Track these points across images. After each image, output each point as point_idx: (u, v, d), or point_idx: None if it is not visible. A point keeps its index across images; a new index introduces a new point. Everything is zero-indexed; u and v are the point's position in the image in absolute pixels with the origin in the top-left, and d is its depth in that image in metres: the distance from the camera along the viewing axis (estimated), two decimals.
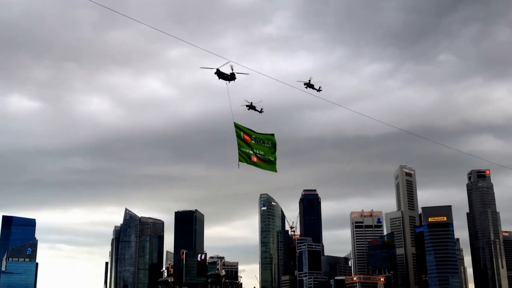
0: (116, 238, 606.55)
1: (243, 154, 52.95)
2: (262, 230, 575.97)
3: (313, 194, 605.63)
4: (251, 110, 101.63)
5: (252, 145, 53.65)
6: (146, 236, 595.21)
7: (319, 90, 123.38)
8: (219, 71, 70.66)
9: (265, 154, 54.48)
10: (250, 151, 53.47)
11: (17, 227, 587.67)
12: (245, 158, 53.04)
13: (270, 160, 54.78)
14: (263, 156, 54.28)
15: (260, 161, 54.02)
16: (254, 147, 53.72)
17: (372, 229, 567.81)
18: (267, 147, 54.71)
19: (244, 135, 53.38)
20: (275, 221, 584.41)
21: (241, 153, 52.92)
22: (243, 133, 53.36)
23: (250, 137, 53.60)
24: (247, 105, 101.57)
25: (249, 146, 53.46)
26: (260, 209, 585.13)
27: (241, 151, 52.95)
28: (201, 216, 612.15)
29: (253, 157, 53.56)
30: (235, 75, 71.93)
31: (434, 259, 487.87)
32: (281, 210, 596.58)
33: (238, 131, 53.06)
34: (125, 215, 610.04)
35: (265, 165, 54.48)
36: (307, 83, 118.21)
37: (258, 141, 54.17)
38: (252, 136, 53.76)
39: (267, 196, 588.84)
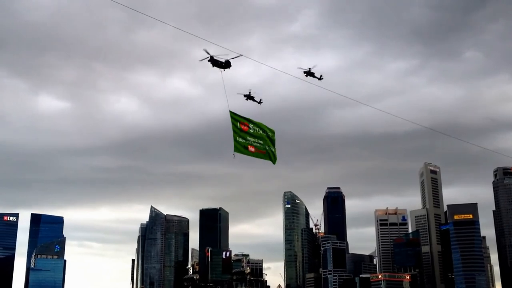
0: (142, 236, 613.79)
1: (239, 144, 50.04)
2: (287, 227, 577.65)
3: (337, 191, 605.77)
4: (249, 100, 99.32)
5: (250, 135, 50.78)
6: (172, 234, 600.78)
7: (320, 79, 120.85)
8: (213, 58, 67.85)
9: (264, 144, 51.72)
10: (247, 141, 50.59)
11: (45, 225, 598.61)
12: (241, 148, 50.19)
13: (270, 150, 52.08)
14: (261, 146, 51.50)
15: (259, 151, 51.27)
16: (251, 137, 50.83)
17: (397, 227, 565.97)
18: (266, 137, 51.92)
19: (241, 124, 50.56)
20: (299, 218, 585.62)
21: (237, 143, 49.97)
22: (240, 122, 50.52)
23: (247, 126, 50.92)
24: (244, 95, 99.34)
25: (247, 136, 50.57)
26: (284, 206, 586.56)
27: (237, 141, 50.02)
28: (225, 213, 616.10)
29: (251, 147, 50.77)
30: (230, 62, 68.94)
31: (460, 257, 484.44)
32: (305, 208, 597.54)
33: (234, 121, 50.18)
34: (151, 213, 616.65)
35: (264, 155, 51.67)
36: (307, 71, 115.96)
37: (257, 130, 51.39)
38: (250, 125, 51.06)
39: (291, 194, 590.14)
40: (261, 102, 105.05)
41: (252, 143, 50.69)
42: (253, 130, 51.02)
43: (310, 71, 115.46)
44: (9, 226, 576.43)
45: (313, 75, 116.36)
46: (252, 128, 51.01)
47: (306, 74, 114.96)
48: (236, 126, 50.03)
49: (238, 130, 50.09)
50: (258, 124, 51.63)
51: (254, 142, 50.81)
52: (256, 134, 51.22)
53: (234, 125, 49.96)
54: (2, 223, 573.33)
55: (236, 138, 49.88)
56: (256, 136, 51.11)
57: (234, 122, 50.01)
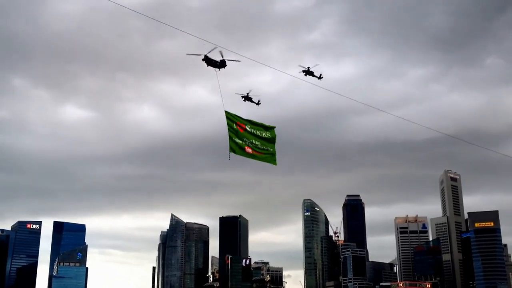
0: (162, 243, 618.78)
1: (235, 144, 47.81)
2: (306, 235, 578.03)
3: (357, 199, 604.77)
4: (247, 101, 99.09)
5: (247, 135, 48.41)
6: (192, 242, 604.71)
7: (320, 78, 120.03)
8: (207, 57, 65.86)
9: (262, 144, 49.12)
10: (244, 142, 48.22)
11: (67, 233, 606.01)
12: (237, 149, 47.83)
13: (269, 150, 49.47)
14: (259, 148, 48.93)
15: (257, 152, 48.73)
16: (248, 137, 48.47)
17: (417, 234, 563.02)
18: (264, 138, 49.43)
19: (238, 124, 48.33)
20: (318, 226, 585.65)
21: (233, 143, 47.69)
22: (236, 122, 48.30)
23: (244, 126, 48.58)
24: (242, 95, 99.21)
25: (243, 136, 48.29)
26: (303, 214, 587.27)
27: (233, 141, 47.72)
28: (245, 221, 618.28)
29: (248, 148, 48.26)
30: (225, 62, 66.95)
31: (481, 265, 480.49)
32: (324, 216, 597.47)
33: (229, 121, 48.05)
34: (171, 221, 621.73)
35: (262, 156, 49.13)
36: (306, 70, 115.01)
37: (254, 131, 49.00)
38: (247, 125, 48.71)
39: (311, 201, 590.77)
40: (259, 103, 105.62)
41: (249, 144, 48.39)
42: (250, 131, 48.75)
43: (309, 70, 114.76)
44: (32, 234, 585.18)
45: (313, 74, 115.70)
46: (249, 129, 48.73)
47: (305, 73, 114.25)
48: (231, 126, 47.94)
49: (234, 130, 47.96)
50: (256, 123, 49.45)
51: (251, 144, 48.51)
52: (254, 135, 48.89)
53: (229, 126, 47.93)
54: (25, 231, 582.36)
55: (231, 138, 47.74)
56: (254, 137, 48.83)
57: (229, 122, 47.98)
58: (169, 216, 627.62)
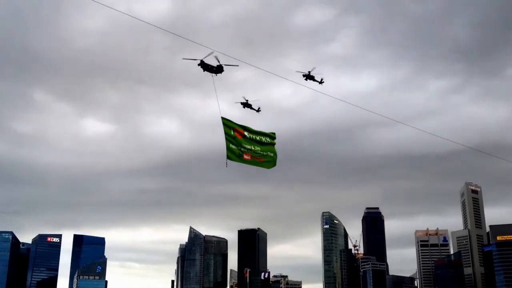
0: (181, 256, 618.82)
1: (232, 151, 46.59)
2: (325, 248, 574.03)
3: (376, 212, 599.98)
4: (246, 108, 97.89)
5: (245, 142, 47.15)
6: (211, 255, 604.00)
7: (321, 83, 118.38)
8: (203, 62, 64.94)
9: (262, 150, 47.74)
10: (242, 148, 46.98)
11: (87, 246, 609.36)
12: (235, 156, 46.61)
13: (269, 155, 48.13)
14: (259, 153, 47.57)
15: (256, 159, 47.48)
16: (247, 144, 47.16)
17: (438, 248, 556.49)
18: (264, 143, 48.09)
19: (235, 131, 47.07)
20: (338, 239, 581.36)
21: (230, 150, 46.48)
22: (233, 129, 47.08)
23: (242, 132, 47.30)
24: (242, 102, 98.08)
25: (241, 143, 47.04)
26: (322, 227, 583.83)
27: (230, 149, 46.51)
28: (264, 234, 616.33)
29: (246, 154, 47.04)
30: (222, 67, 65.79)
31: (504, 279, 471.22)
32: (343, 228, 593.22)
33: (226, 128, 46.97)
34: (190, 234, 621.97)
35: (262, 162, 47.89)
36: (306, 75, 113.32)
37: (253, 136, 47.67)
38: (245, 132, 47.38)
39: (330, 214, 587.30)
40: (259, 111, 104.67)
41: (247, 150, 47.17)
42: (249, 137, 47.50)
43: (310, 74, 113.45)
44: (52, 247, 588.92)
45: (313, 79, 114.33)
46: (248, 135, 47.46)
47: (306, 77, 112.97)
48: (229, 133, 46.83)
49: (231, 137, 46.79)
50: (255, 131, 48.09)
51: (249, 150, 47.28)
52: (253, 140, 47.58)
53: (226, 132, 46.85)
54: (46, 244, 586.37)
55: (229, 145, 46.54)
56: (253, 143, 47.51)
57: (226, 128, 46.97)
58: (188, 229, 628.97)
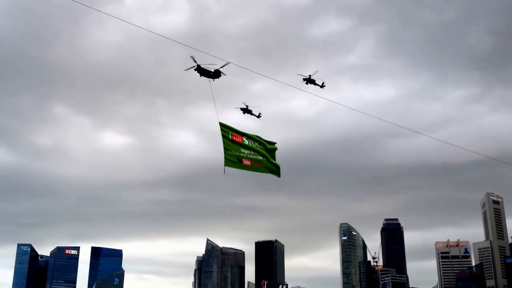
0: (198, 269, 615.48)
1: (231, 157, 44.66)
2: (344, 260, 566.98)
3: (395, 223, 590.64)
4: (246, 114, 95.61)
5: (244, 147, 45.32)
6: (228, 267, 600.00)
7: (322, 86, 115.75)
8: (200, 67, 64.50)
9: (262, 155, 46.14)
10: (241, 154, 45.07)
11: (105, 258, 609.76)
12: (234, 162, 44.70)
13: (269, 162, 46.39)
14: (259, 159, 45.84)
15: (256, 164, 45.63)
16: (246, 149, 45.36)
17: (459, 260, 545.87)
18: (263, 150, 46.28)
19: (234, 135, 45.16)
20: (356, 251, 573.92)
21: (228, 156, 44.51)
22: (232, 133, 45.17)
23: (241, 137, 45.44)
24: (241, 108, 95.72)
25: (240, 148, 45.16)
26: (340, 239, 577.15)
27: (229, 154, 44.50)
28: (281, 246, 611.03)
29: (245, 160, 45.17)
30: (220, 72, 65.11)
31: None
32: (362, 240, 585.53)
33: (225, 132, 44.97)
34: (207, 246, 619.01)
35: (262, 168, 46.12)
36: (307, 79, 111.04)
37: (253, 142, 45.94)
38: (244, 137, 45.58)
39: (348, 226, 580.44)
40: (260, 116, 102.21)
41: (247, 155, 45.30)
42: (248, 142, 45.72)
43: (311, 78, 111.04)
44: (70, 259, 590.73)
45: (314, 83, 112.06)
46: (247, 140, 45.72)
47: (306, 81, 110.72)
48: (227, 139, 44.92)
49: (229, 142, 44.90)
50: (254, 137, 46.43)
51: (249, 155, 45.45)
52: (252, 146, 45.82)
53: (224, 137, 44.89)
54: (64, 257, 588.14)
55: (227, 152, 44.64)
56: (252, 149, 45.78)
57: (224, 134, 45.00)
58: (205, 241, 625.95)
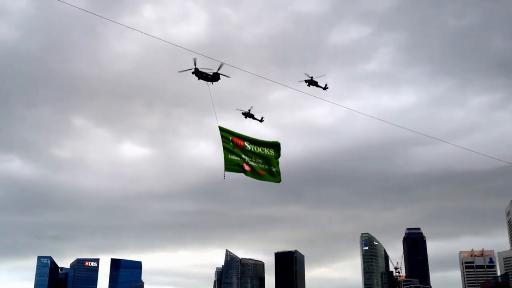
0: (218, 280, 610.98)
1: (231, 162, 42.85)
2: (365, 271, 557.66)
3: (418, 232, 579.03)
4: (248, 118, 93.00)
5: (245, 152, 43.68)
6: (247, 278, 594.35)
7: (325, 88, 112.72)
8: (197, 70, 63.03)
9: (264, 162, 44.27)
10: (242, 159, 43.40)
11: (124, 270, 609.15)
12: (234, 167, 42.91)
13: (270, 170, 44.65)
14: (260, 166, 44.10)
15: (256, 171, 43.87)
16: (247, 154, 43.74)
17: (484, 269, 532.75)
18: (267, 155, 44.60)
19: (235, 139, 43.67)
20: (378, 261, 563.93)
21: (229, 161, 42.77)
22: (233, 137, 43.68)
23: (243, 142, 43.87)
24: (243, 112, 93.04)
25: (241, 153, 43.49)
26: (362, 249, 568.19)
27: (229, 159, 42.79)
28: (301, 257, 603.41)
29: (246, 165, 43.40)
30: (219, 75, 63.51)
31: None
32: (384, 250, 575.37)
33: (225, 138, 43.45)
34: (226, 257, 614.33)
35: (263, 176, 44.36)
36: (309, 80, 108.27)
37: (255, 147, 44.25)
38: (245, 142, 44.01)
39: (369, 235, 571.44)
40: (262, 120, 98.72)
41: (248, 161, 43.60)
42: (250, 147, 44.04)
43: (313, 80, 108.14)
44: (90, 271, 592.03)
45: (317, 84, 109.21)
46: (249, 145, 44.04)
47: (308, 83, 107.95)
48: (227, 143, 43.28)
49: (230, 146, 43.20)
50: (256, 141, 44.73)
51: (250, 161, 43.75)
52: (254, 152, 44.11)
53: (225, 141, 43.27)
54: (84, 269, 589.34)
55: (227, 156, 42.87)
56: (254, 154, 44.07)
57: (224, 138, 43.42)
58: (224, 252, 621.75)
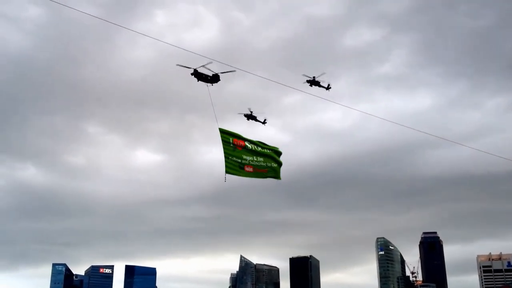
0: (232, 286, 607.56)
1: (232, 164, 42.64)
2: (381, 276, 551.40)
3: (434, 236, 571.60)
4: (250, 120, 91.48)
5: (246, 153, 43.59)
6: (262, 284, 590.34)
7: (328, 88, 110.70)
8: (196, 72, 61.25)
9: (266, 161, 44.34)
10: (243, 160, 43.25)
11: (139, 276, 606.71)
12: (235, 169, 42.80)
13: (273, 166, 44.70)
14: (262, 164, 44.08)
15: (258, 170, 43.97)
16: (248, 155, 43.61)
17: (502, 273, 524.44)
18: (267, 154, 44.64)
19: (235, 140, 43.32)
20: (394, 266, 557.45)
21: (230, 163, 42.51)
22: (233, 139, 43.30)
23: (243, 143, 43.65)
24: (245, 114, 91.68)
25: (242, 154, 43.33)
26: (377, 253, 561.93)
27: (230, 161, 42.56)
28: (316, 262, 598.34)
29: (248, 166, 43.43)
30: (218, 76, 61.84)
31: None
32: (400, 255, 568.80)
33: (225, 138, 42.97)
34: (240, 262, 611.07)
35: (265, 173, 44.55)
36: (311, 80, 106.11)
37: (255, 147, 44.18)
38: (246, 142, 43.84)
39: (384, 240, 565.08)
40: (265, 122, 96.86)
41: (249, 162, 43.50)
42: (250, 147, 43.93)
43: (315, 79, 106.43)
44: (104, 278, 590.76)
45: (319, 84, 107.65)
46: (249, 145, 43.92)
47: (310, 83, 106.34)
48: (227, 145, 42.82)
49: (230, 148, 42.91)
50: (257, 143, 44.53)
51: (252, 161, 43.64)
52: (255, 151, 44.06)
53: (225, 143, 42.77)
54: (98, 276, 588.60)
55: (227, 158, 42.53)
56: (255, 154, 44.00)
57: (225, 139, 42.95)
58: (238, 257, 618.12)
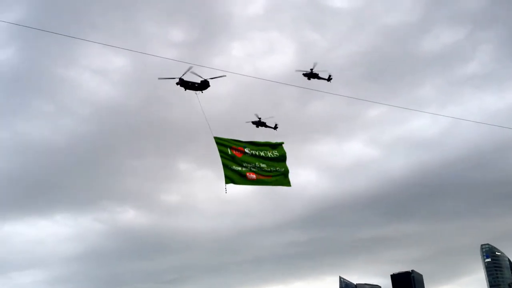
0: None
1: (232, 174, 40.99)
2: (491, 284, 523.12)
3: None
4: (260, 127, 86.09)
5: (247, 159, 41.70)
6: None
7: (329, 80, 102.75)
8: (182, 80, 57.19)
9: (269, 166, 42.49)
10: (244, 168, 41.47)
11: None
12: (237, 178, 41.01)
13: (278, 171, 42.87)
14: (266, 170, 42.20)
15: (263, 177, 41.96)
16: (250, 161, 41.78)
17: None
18: (271, 158, 42.81)
19: (233, 149, 41.69)
20: (503, 272, 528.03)
21: (229, 173, 40.94)
22: (231, 147, 41.69)
23: (243, 149, 41.86)
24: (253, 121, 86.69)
25: (243, 161, 41.57)
26: (483, 261, 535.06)
27: (230, 171, 40.96)
28: (419, 276, 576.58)
29: (250, 173, 41.47)
30: (208, 82, 57.65)
31: None
32: (508, 260, 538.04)
33: (222, 147, 41.54)
34: (340, 284, 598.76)
35: (271, 179, 42.49)
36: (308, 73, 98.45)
37: (257, 152, 42.31)
38: (246, 148, 41.99)
39: (489, 246, 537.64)
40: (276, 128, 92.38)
41: (251, 168, 41.67)
42: (251, 153, 42.06)
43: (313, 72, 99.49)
44: None
45: (318, 76, 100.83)
46: (249, 151, 42.04)
47: (308, 76, 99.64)
48: (225, 153, 41.35)
49: (228, 157, 41.31)
50: (259, 143, 42.93)
51: (253, 168, 41.79)
52: (257, 156, 42.23)
53: (222, 152, 41.37)
54: None
55: (227, 167, 41.12)
56: (257, 159, 42.17)
57: (222, 148, 41.55)
58: (337, 279, 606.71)
